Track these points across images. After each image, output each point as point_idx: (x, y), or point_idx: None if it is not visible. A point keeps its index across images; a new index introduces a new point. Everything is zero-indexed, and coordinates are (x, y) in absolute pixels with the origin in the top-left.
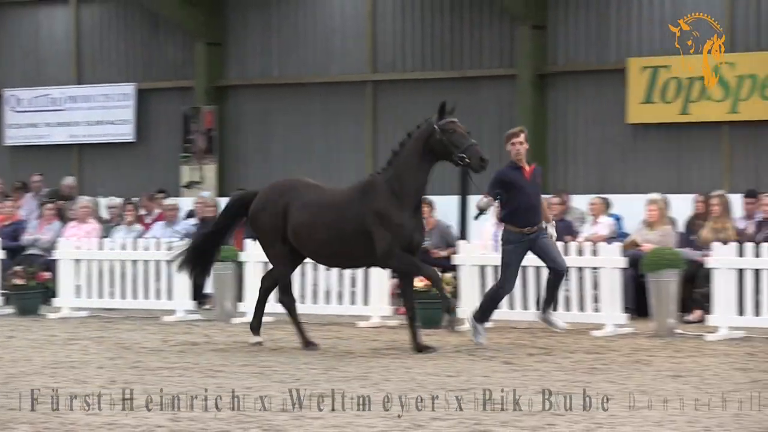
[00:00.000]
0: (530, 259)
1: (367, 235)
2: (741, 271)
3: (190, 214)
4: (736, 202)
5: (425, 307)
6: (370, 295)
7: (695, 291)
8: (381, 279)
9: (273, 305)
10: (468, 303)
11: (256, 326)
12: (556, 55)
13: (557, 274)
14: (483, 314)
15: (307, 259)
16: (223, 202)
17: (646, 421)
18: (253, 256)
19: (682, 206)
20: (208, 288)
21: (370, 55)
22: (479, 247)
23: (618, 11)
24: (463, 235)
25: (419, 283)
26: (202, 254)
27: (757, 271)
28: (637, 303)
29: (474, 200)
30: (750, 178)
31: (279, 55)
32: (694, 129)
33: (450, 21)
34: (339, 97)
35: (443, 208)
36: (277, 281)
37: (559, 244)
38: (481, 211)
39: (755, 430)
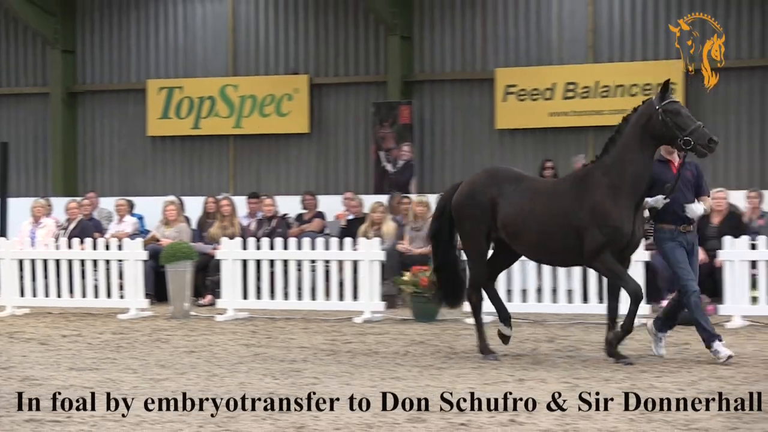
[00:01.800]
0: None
1: (579, 232)
2: (245, 262)
3: None
4: (241, 202)
5: None
6: None
7: (207, 279)
8: None
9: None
10: (7, 293)
11: (504, 318)
12: (84, 76)
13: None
14: (699, 327)
15: None
16: None
17: (166, 391)
18: None
19: (195, 206)
20: None
21: None
22: (18, 244)
23: (138, 37)
24: (2, 233)
25: None
26: (449, 274)
27: (258, 262)
28: (157, 290)
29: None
30: (252, 182)
31: None
32: (204, 141)
33: None
34: None
35: None
36: (490, 273)
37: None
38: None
39: (259, 395)
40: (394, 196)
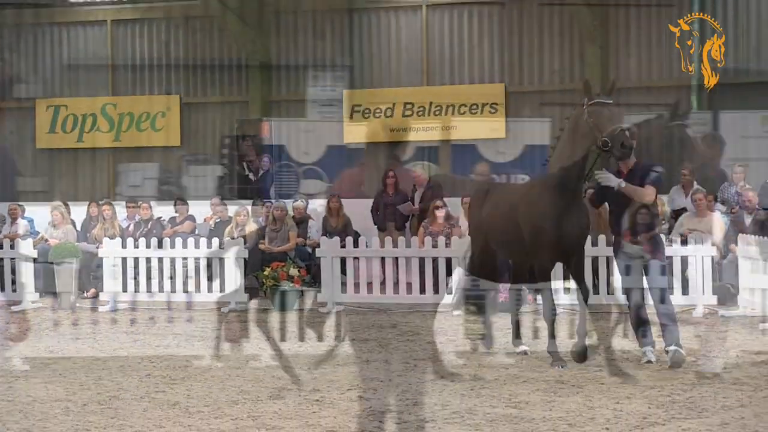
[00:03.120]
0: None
1: (526, 234)
2: (125, 259)
3: None
4: (120, 207)
5: None
6: None
7: (91, 274)
8: None
9: None
10: None
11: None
12: None
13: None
14: (639, 339)
15: None
16: None
17: (54, 376)
18: None
19: (80, 211)
20: None
21: None
22: None
23: (27, 60)
24: None
25: None
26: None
27: (136, 259)
28: (45, 284)
29: None
30: (130, 189)
31: None
32: (87, 152)
33: None
34: None
35: None
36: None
37: None
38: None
39: (138, 376)
40: (256, 202)
